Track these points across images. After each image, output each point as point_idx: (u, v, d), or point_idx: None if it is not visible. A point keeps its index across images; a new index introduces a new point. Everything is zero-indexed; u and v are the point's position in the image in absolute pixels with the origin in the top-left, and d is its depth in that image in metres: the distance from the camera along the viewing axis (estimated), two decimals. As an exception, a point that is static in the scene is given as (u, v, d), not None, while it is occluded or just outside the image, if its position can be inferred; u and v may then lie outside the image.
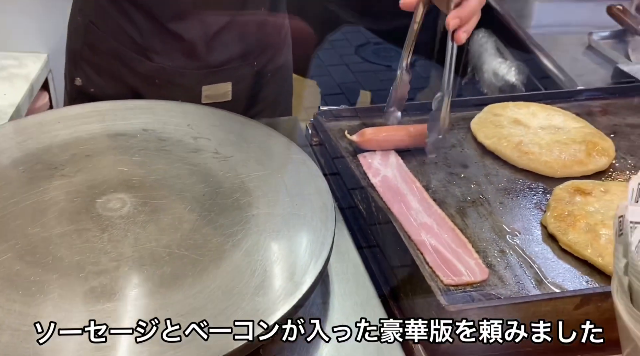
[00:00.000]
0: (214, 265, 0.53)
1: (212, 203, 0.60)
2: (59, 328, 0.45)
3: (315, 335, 0.49)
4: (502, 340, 0.48)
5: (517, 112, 0.80)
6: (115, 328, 0.46)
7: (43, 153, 0.63)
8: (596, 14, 1.27)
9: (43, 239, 0.54)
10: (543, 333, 0.48)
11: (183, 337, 0.45)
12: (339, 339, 0.49)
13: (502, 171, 0.73)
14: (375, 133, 0.75)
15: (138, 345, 0.45)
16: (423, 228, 0.63)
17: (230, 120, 0.72)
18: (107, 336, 0.45)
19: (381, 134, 0.75)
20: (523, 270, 0.59)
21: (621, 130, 0.81)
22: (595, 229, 0.61)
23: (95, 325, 0.45)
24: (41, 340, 0.45)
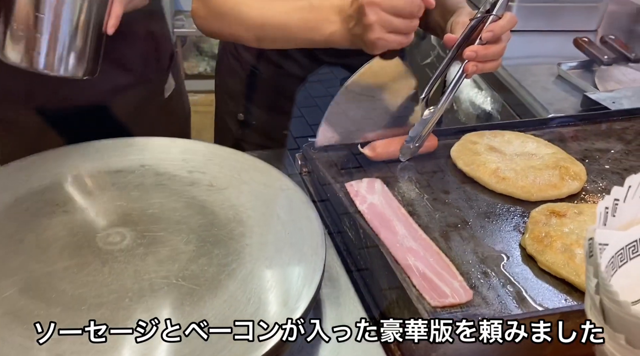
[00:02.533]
0: (210, 294, 0.56)
1: (207, 234, 0.63)
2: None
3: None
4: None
5: (493, 140, 0.85)
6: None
7: (45, 191, 0.66)
8: (564, 45, 1.34)
9: (46, 274, 0.56)
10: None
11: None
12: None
13: (482, 196, 0.77)
14: (386, 146, 0.80)
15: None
16: (409, 252, 0.66)
17: (223, 154, 0.75)
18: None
19: (391, 148, 0.80)
20: (505, 290, 0.63)
21: (591, 155, 0.86)
22: (571, 249, 0.65)
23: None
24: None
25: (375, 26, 0.71)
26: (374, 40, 0.72)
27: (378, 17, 0.70)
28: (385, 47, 0.73)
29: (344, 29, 0.76)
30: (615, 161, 0.85)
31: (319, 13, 0.78)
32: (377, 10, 0.70)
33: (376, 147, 0.81)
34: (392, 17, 0.71)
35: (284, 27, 0.80)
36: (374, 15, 0.70)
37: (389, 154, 0.81)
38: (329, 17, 0.77)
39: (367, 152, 0.81)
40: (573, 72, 1.22)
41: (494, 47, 0.77)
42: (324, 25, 0.77)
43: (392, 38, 0.72)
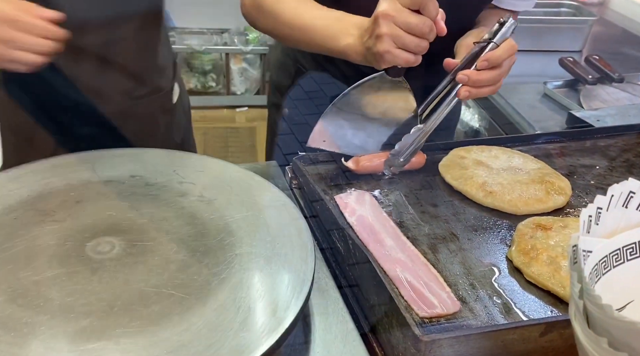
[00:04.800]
0: (200, 303, 0.56)
1: (197, 243, 0.63)
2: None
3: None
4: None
5: (481, 155, 0.86)
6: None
7: (35, 200, 0.66)
8: (549, 65, 1.37)
9: (34, 282, 0.56)
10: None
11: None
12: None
13: (469, 209, 0.78)
14: (369, 159, 0.82)
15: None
16: (398, 263, 0.67)
17: (213, 165, 0.76)
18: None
19: (375, 162, 0.82)
20: (492, 302, 0.63)
21: (576, 170, 0.88)
22: (556, 261, 0.66)
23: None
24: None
25: (386, 38, 0.72)
26: (382, 52, 0.73)
27: (389, 30, 0.71)
28: (392, 62, 0.74)
29: (358, 43, 0.77)
30: (600, 176, 0.86)
31: (341, 24, 0.80)
32: (389, 23, 0.71)
33: (359, 160, 0.82)
34: (403, 33, 0.71)
35: (307, 31, 0.83)
36: (386, 27, 0.71)
37: (372, 167, 0.82)
38: (349, 30, 0.79)
39: (350, 165, 0.82)
40: (559, 91, 1.24)
41: (489, 73, 0.78)
42: (342, 36, 0.79)
43: (400, 54, 0.73)
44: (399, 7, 0.71)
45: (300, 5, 0.85)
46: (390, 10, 0.71)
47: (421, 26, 0.72)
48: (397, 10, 0.71)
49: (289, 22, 0.84)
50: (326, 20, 0.82)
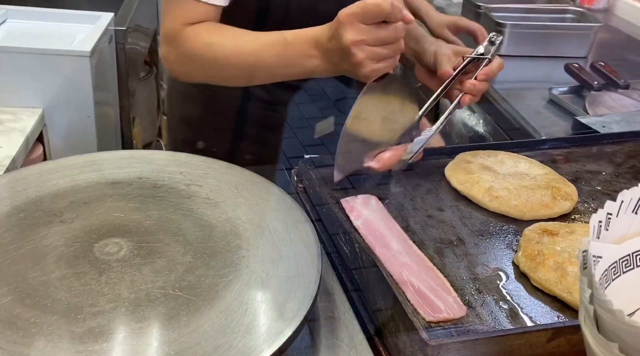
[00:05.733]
0: (207, 305, 0.56)
1: (204, 245, 0.63)
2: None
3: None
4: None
5: (487, 160, 0.86)
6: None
7: (42, 201, 0.66)
8: (555, 71, 1.37)
9: (42, 282, 0.56)
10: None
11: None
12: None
13: (475, 214, 0.78)
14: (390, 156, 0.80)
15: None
16: (404, 267, 0.67)
17: (220, 168, 0.76)
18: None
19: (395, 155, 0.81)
20: (498, 307, 0.63)
21: (582, 176, 0.88)
22: (563, 267, 0.66)
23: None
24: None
25: (365, 62, 0.71)
26: (367, 74, 0.73)
27: (366, 53, 0.70)
28: (379, 74, 0.75)
29: (326, 63, 0.75)
30: (606, 182, 0.86)
31: (295, 48, 0.76)
32: (363, 47, 0.70)
33: (381, 158, 0.80)
34: (379, 49, 0.71)
35: (260, 65, 0.78)
36: (361, 53, 0.70)
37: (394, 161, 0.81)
38: (307, 52, 0.75)
39: (374, 165, 0.80)
40: (564, 97, 1.24)
41: (486, 84, 0.85)
42: (303, 60, 0.76)
43: (383, 66, 0.73)
44: (365, 28, 0.70)
45: (236, 41, 0.79)
46: (358, 36, 0.69)
47: (393, 35, 0.72)
48: (364, 32, 0.70)
49: (234, 63, 0.79)
50: (275, 47, 0.77)
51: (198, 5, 0.79)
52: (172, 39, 0.80)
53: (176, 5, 0.79)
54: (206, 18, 0.80)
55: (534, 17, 1.57)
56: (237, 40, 0.79)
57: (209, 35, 0.79)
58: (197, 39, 0.79)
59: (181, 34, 0.79)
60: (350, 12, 0.70)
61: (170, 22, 0.80)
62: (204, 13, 0.79)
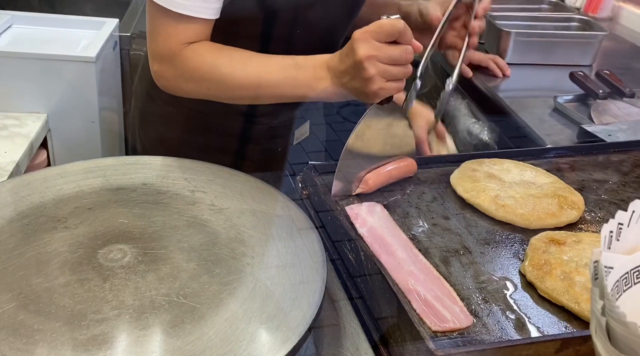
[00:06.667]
0: (211, 313, 0.55)
1: (208, 252, 0.63)
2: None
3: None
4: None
5: (493, 168, 0.86)
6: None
7: (47, 206, 0.66)
8: (560, 79, 1.36)
9: (46, 289, 0.55)
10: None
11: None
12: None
13: (481, 222, 0.78)
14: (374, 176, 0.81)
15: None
16: (410, 276, 0.66)
17: (224, 174, 0.76)
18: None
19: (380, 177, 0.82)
20: (505, 316, 0.63)
21: (588, 185, 0.87)
22: (570, 277, 0.65)
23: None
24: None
25: (376, 78, 0.73)
26: (376, 91, 0.74)
27: (377, 70, 0.73)
28: (386, 95, 0.76)
29: (335, 84, 0.77)
30: (613, 191, 0.86)
31: (307, 71, 0.78)
32: (375, 63, 0.73)
33: (367, 180, 0.81)
34: (389, 67, 0.74)
35: (270, 87, 0.80)
36: (373, 68, 0.73)
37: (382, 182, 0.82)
38: (318, 74, 0.78)
39: (362, 190, 0.81)
40: (569, 105, 1.24)
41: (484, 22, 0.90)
42: (312, 82, 0.78)
43: (392, 86, 0.75)
44: (378, 45, 0.73)
45: (245, 64, 0.80)
46: (371, 51, 0.72)
47: (404, 56, 0.74)
48: (377, 49, 0.73)
49: (243, 84, 0.80)
50: (286, 70, 0.79)
51: (192, 22, 0.78)
52: (169, 58, 0.80)
53: (169, 23, 0.78)
54: (200, 35, 0.80)
55: (538, 25, 1.56)
56: (245, 62, 0.80)
57: (212, 56, 0.79)
58: (200, 60, 0.79)
59: (181, 54, 0.79)
60: (365, 29, 0.73)
61: (165, 41, 0.79)
62: (198, 29, 0.79)
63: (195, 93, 0.84)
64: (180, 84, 0.82)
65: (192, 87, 0.82)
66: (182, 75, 0.80)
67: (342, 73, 0.76)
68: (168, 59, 0.80)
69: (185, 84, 0.82)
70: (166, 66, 0.81)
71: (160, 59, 0.80)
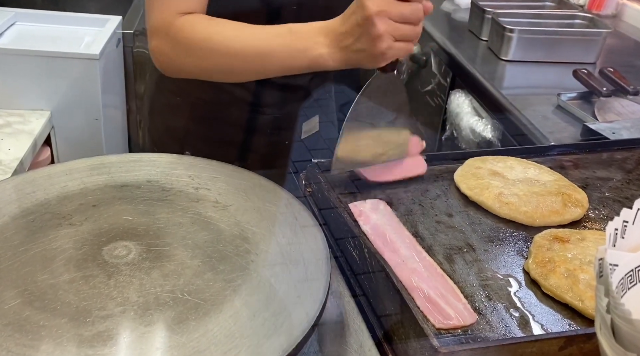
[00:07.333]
0: (215, 309, 0.56)
1: (212, 249, 0.63)
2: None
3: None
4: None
5: (496, 165, 0.86)
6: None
7: (51, 203, 0.66)
8: (563, 77, 1.36)
9: (51, 285, 0.56)
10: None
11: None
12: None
13: (485, 220, 0.77)
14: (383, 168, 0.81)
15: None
16: (413, 273, 0.66)
17: (228, 171, 0.76)
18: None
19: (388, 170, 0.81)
20: (509, 314, 0.63)
21: (592, 183, 0.87)
22: (574, 274, 0.65)
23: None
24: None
25: (385, 36, 0.69)
26: (385, 50, 0.70)
27: (387, 27, 0.69)
28: (395, 56, 0.72)
29: (334, 49, 0.73)
30: (617, 189, 0.86)
31: (302, 37, 0.74)
32: (385, 20, 0.69)
33: (376, 169, 0.81)
34: (400, 25, 0.70)
35: (263, 54, 0.76)
36: (383, 25, 0.68)
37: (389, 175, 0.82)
38: (314, 39, 0.74)
39: (368, 175, 0.81)
40: (572, 103, 1.24)
41: None
42: (308, 48, 0.74)
43: (401, 46, 0.71)
44: (389, 1, 0.69)
45: (239, 32, 0.77)
46: (382, 6, 0.68)
47: (415, 13, 0.70)
48: (388, 4, 0.68)
49: (234, 52, 0.76)
50: (281, 38, 0.75)
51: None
52: (165, 30, 0.78)
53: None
54: (195, 7, 0.79)
55: (542, 22, 1.56)
56: (239, 31, 0.77)
57: (205, 26, 0.77)
58: (193, 29, 0.77)
59: (174, 24, 0.77)
60: None
61: (160, 13, 0.78)
62: (194, 1, 0.78)
63: (191, 68, 0.81)
64: (176, 60, 0.80)
65: (188, 62, 0.80)
66: (177, 47, 0.78)
67: (344, 35, 0.72)
68: (163, 30, 0.78)
69: (181, 59, 0.80)
70: (162, 39, 0.79)
71: (156, 32, 0.79)
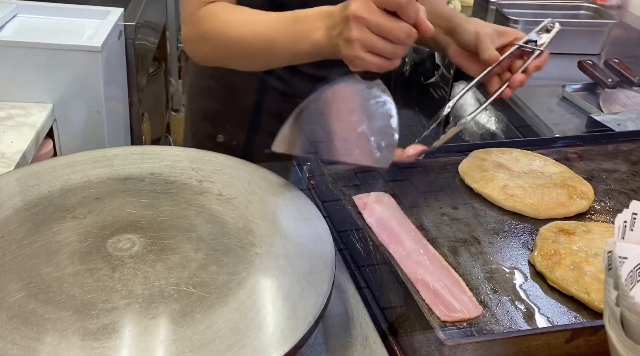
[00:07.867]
0: (220, 302, 0.55)
1: (217, 242, 0.62)
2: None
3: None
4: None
5: (501, 157, 0.85)
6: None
7: (55, 196, 0.65)
8: (568, 68, 1.35)
9: (56, 278, 0.55)
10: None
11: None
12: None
13: (490, 212, 0.77)
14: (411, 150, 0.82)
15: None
16: (419, 266, 0.66)
17: (232, 164, 0.75)
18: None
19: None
20: (514, 306, 0.62)
21: (598, 174, 0.86)
22: (580, 267, 0.65)
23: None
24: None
25: (355, 43, 0.64)
26: (352, 57, 0.66)
27: (360, 34, 0.64)
28: (363, 67, 0.67)
29: (326, 36, 0.69)
30: (622, 181, 0.85)
31: (304, 23, 0.72)
32: (361, 26, 0.64)
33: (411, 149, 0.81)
34: (376, 38, 0.64)
35: (268, 41, 0.76)
36: (357, 31, 0.64)
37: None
38: (315, 24, 0.71)
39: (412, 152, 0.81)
40: (577, 95, 1.23)
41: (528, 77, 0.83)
42: (308, 34, 0.71)
43: (372, 59, 0.65)
44: (372, 8, 0.63)
45: (248, 18, 0.78)
46: (362, 12, 0.63)
47: (396, 31, 0.63)
48: (369, 12, 0.63)
49: (243, 39, 0.77)
50: (285, 24, 0.74)
51: None
52: (190, 19, 0.83)
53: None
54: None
55: (547, 13, 1.55)
56: (250, 18, 0.79)
57: (223, 15, 0.80)
58: (212, 19, 0.80)
59: (197, 14, 0.81)
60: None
61: (190, 4, 0.83)
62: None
63: (209, 56, 0.85)
64: (198, 47, 0.85)
65: (207, 50, 0.84)
66: (199, 35, 0.83)
67: (335, 25, 0.68)
68: (189, 20, 0.83)
69: (202, 46, 0.84)
70: (188, 27, 0.84)
71: (184, 21, 0.84)
